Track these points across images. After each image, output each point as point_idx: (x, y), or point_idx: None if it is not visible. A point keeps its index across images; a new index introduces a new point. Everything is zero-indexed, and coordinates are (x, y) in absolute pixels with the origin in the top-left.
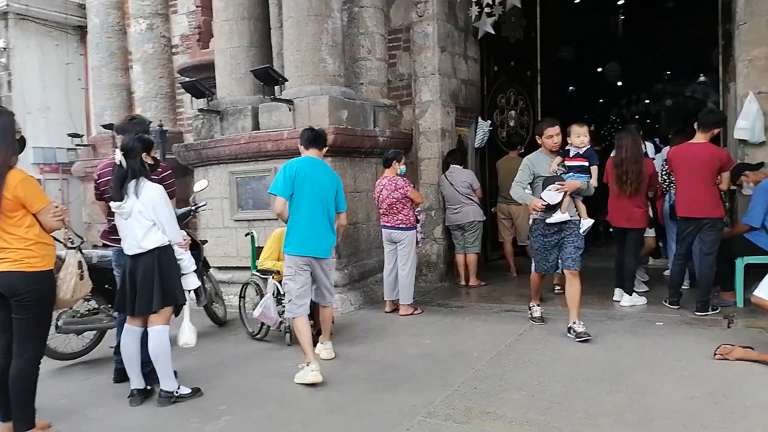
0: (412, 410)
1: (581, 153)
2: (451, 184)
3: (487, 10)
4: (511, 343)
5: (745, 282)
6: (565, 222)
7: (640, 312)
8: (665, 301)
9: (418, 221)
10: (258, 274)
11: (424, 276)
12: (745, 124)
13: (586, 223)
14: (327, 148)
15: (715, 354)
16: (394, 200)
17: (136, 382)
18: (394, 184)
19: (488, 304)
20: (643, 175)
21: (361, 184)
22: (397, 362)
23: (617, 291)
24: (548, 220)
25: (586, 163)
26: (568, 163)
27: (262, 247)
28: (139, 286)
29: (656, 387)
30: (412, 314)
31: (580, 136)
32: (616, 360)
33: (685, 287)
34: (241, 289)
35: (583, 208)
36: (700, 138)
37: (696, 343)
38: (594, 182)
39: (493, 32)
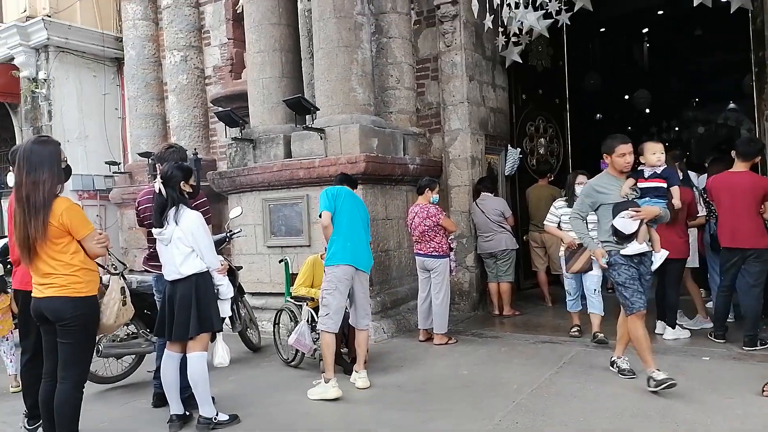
0: None
1: (658, 173)
2: (483, 211)
3: (513, 39)
4: (551, 376)
5: None
6: (643, 254)
7: (685, 346)
8: (710, 335)
9: (451, 249)
10: (292, 300)
11: (456, 304)
12: None
13: (661, 255)
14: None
15: (764, 391)
16: (427, 228)
17: (176, 407)
18: (426, 212)
19: (524, 334)
20: (682, 204)
21: (392, 212)
22: (434, 393)
23: (659, 324)
24: (623, 252)
25: (664, 185)
26: (642, 185)
27: (296, 274)
28: (177, 311)
29: (707, 425)
30: (446, 344)
31: (656, 153)
32: (662, 397)
33: (730, 320)
34: (276, 315)
35: (657, 238)
36: (740, 167)
37: (746, 378)
38: (677, 203)
39: (520, 61)
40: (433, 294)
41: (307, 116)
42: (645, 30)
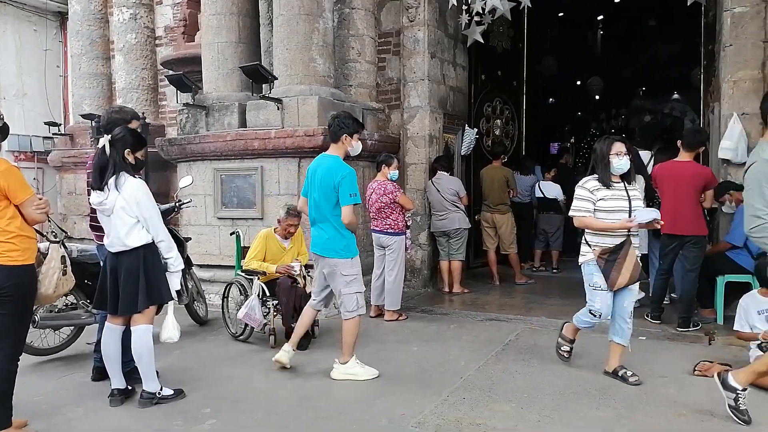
0: (401, 419)
1: None
2: (438, 190)
3: (476, 18)
4: (498, 353)
5: (726, 300)
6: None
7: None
8: (647, 316)
9: (407, 226)
10: (243, 274)
11: (408, 281)
12: (728, 145)
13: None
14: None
15: (695, 370)
16: (383, 204)
17: (117, 381)
18: (383, 189)
19: (472, 312)
20: None
21: None
22: (384, 370)
23: None
24: None
25: None
26: None
27: (248, 247)
28: (123, 285)
29: (644, 404)
30: (397, 320)
31: None
32: (602, 375)
33: (666, 303)
34: (225, 288)
35: None
36: (684, 156)
37: (679, 359)
38: None
39: (482, 41)
40: (387, 271)
41: (264, 85)
42: (600, 17)
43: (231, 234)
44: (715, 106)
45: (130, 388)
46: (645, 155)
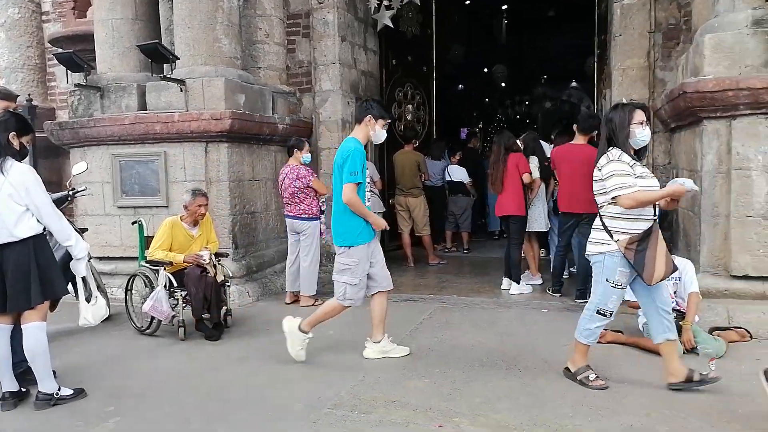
0: (318, 402)
1: None
2: None
3: (386, 2)
4: (412, 331)
5: None
6: None
7: (527, 299)
8: (548, 290)
9: (321, 212)
10: (147, 265)
11: (324, 266)
12: None
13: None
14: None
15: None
16: (296, 189)
17: (8, 384)
18: (296, 173)
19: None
20: (509, 171)
21: (259, 172)
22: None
23: (505, 280)
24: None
25: None
26: None
27: (152, 237)
28: (12, 279)
29: (546, 372)
30: (313, 305)
31: None
32: (509, 346)
33: (566, 277)
34: (128, 281)
35: None
36: (580, 140)
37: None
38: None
39: (392, 25)
40: (301, 257)
41: (165, 65)
42: (505, 6)
43: (133, 223)
44: (606, 92)
45: (24, 390)
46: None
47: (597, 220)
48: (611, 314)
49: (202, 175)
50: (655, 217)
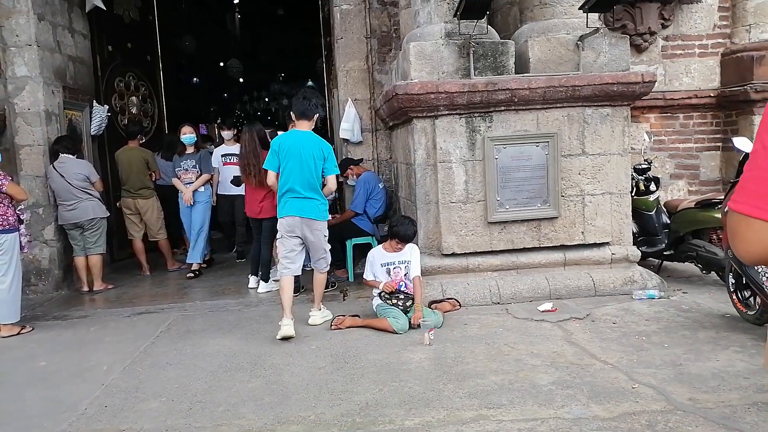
0: None
1: None
2: (63, 176)
3: None
4: (147, 347)
5: (354, 260)
6: None
7: (275, 296)
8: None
9: (21, 221)
10: None
11: (34, 286)
12: (346, 126)
13: None
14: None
15: (332, 326)
16: None
17: None
18: None
19: (119, 308)
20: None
21: None
22: (2, 396)
23: (252, 278)
24: None
25: None
26: None
27: None
28: None
29: (290, 365)
30: (18, 334)
31: None
32: (255, 346)
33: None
34: None
35: None
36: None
37: (321, 317)
38: None
39: (103, 7)
40: None
41: None
42: (237, 0)
43: None
44: (335, 92)
45: None
46: None
47: None
48: None
49: None
50: None
